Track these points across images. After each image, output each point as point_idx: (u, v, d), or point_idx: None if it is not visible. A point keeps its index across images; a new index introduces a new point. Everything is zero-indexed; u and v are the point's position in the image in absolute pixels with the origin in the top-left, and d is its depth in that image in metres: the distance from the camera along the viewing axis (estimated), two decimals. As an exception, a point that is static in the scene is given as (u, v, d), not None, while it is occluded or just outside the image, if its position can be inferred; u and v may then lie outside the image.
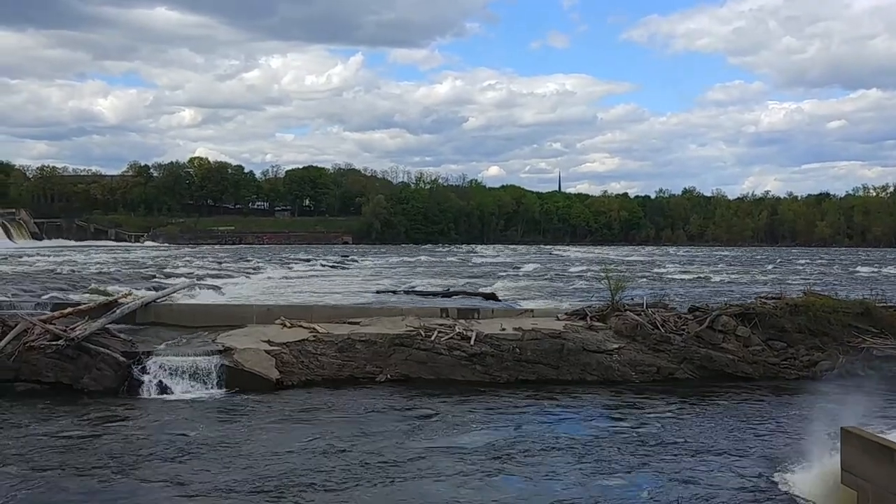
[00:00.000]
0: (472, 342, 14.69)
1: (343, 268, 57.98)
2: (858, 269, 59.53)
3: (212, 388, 13.29)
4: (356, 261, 68.03)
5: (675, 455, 9.94)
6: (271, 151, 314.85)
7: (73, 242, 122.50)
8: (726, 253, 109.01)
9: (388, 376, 14.27)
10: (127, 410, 12.09)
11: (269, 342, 14.56)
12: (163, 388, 13.17)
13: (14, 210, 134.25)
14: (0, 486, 8.55)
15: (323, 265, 59.21)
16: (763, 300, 16.50)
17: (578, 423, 11.65)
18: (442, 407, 12.41)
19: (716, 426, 11.46)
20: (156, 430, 10.93)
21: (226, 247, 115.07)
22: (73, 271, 42.75)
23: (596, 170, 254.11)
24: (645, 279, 42.29)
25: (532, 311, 18.97)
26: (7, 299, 22.85)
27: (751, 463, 9.61)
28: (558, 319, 16.74)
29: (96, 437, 10.54)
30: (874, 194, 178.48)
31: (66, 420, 11.40)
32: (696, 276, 48.95)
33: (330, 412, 12.13)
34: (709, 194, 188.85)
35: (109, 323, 15.12)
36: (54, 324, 14.19)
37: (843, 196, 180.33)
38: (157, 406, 12.40)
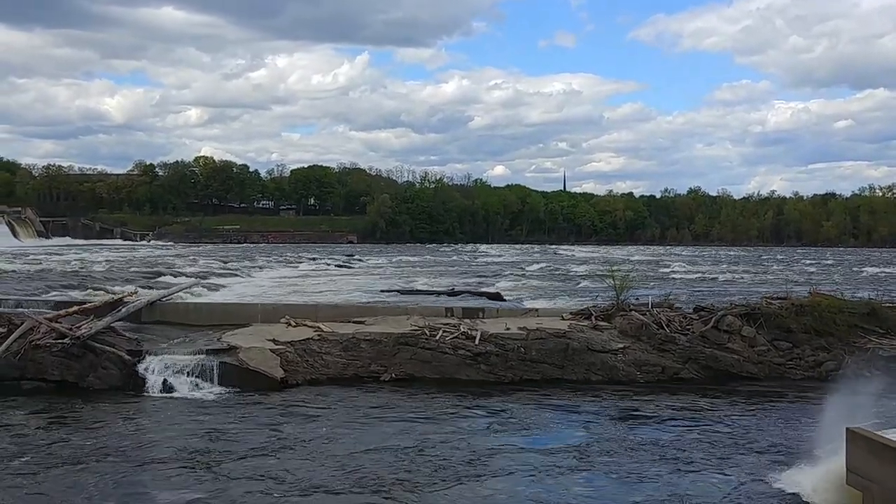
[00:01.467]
0: (476, 342, 14.69)
1: (348, 267, 57.95)
2: (864, 269, 59.32)
3: (217, 386, 13.31)
4: (361, 260, 68.03)
5: (683, 454, 9.95)
6: (277, 151, 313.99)
7: (78, 241, 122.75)
8: (731, 253, 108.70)
9: (393, 375, 14.28)
10: (135, 409, 12.14)
11: (273, 341, 14.58)
12: (168, 387, 13.20)
13: (20, 209, 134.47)
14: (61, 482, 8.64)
15: (328, 264, 59.24)
16: (768, 300, 16.46)
17: (611, 422, 11.75)
18: (490, 405, 12.51)
19: (720, 426, 11.44)
20: (174, 428, 11.00)
21: (231, 246, 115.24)
22: (79, 270, 42.84)
23: (601, 169, 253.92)
24: (650, 279, 42.19)
25: (537, 310, 18.95)
26: (13, 297, 22.93)
27: (755, 462, 9.61)
28: (563, 319, 16.72)
29: (116, 434, 10.62)
30: (880, 194, 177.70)
31: (79, 419, 11.49)
32: (701, 275, 48.85)
33: (360, 410, 12.11)
34: (714, 194, 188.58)
35: (115, 321, 15.17)
36: (60, 322, 14.24)
37: (849, 196, 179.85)
38: (165, 405, 12.42)
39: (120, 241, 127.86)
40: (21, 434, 10.58)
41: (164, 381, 13.25)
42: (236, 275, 43.15)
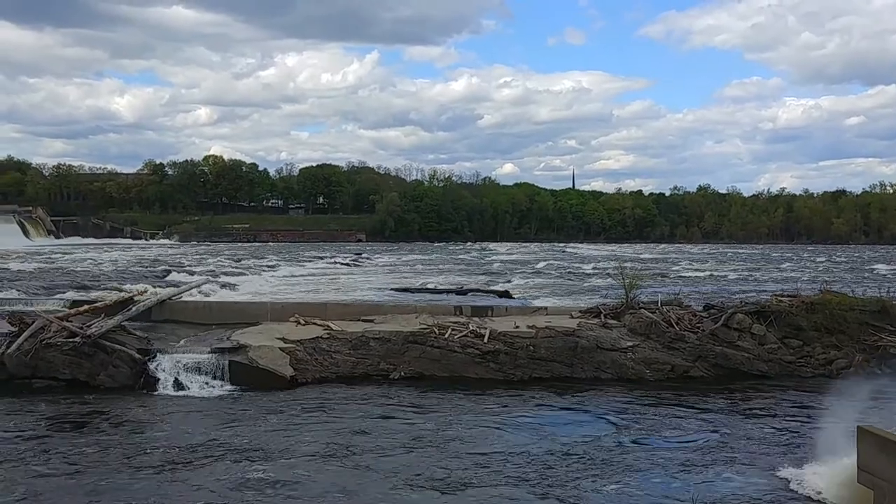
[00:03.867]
0: (485, 340, 14.69)
1: (357, 265, 58.02)
2: (875, 266, 58.98)
3: (227, 385, 13.37)
4: (370, 258, 68.04)
5: (691, 452, 9.92)
6: (286, 149, 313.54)
7: (89, 240, 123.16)
8: (742, 250, 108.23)
9: (402, 374, 14.30)
10: (150, 408, 12.20)
11: (283, 339, 14.63)
12: (179, 385, 13.26)
13: (31, 208, 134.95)
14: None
15: (337, 263, 59.29)
16: (779, 298, 16.41)
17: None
18: (569, 403, 12.70)
19: (731, 424, 11.42)
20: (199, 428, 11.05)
21: (240, 244, 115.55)
22: (90, 269, 43.06)
23: (610, 167, 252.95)
24: (659, 277, 42.07)
25: (546, 308, 18.94)
26: (24, 296, 23.07)
27: (766, 461, 9.58)
28: (572, 317, 16.70)
29: (137, 433, 10.69)
30: (891, 191, 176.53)
31: (90, 416, 11.56)
32: (711, 273, 48.68)
33: (418, 410, 12.18)
34: (724, 191, 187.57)
35: (125, 320, 15.23)
36: (71, 321, 14.31)
37: (859, 193, 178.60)
38: (179, 403, 12.48)
39: (130, 241, 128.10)
40: (46, 436, 10.67)
41: (175, 379, 13.32)
42: (246, 273, 43.24)
